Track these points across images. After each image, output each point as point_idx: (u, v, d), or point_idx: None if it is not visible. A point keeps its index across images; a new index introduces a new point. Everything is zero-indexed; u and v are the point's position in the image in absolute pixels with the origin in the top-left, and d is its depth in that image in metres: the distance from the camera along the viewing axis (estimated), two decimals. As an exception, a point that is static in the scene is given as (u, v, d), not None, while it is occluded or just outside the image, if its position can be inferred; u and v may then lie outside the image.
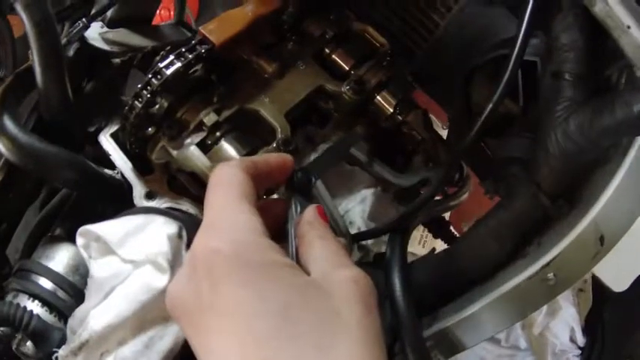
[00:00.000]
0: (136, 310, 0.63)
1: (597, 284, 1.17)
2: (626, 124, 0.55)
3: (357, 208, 0.83)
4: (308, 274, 0.43)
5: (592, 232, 0.64)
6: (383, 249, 0.86)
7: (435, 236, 0.90)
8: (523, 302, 0.68)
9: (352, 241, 0.77)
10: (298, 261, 0.45)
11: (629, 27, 0.55)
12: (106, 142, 0.77)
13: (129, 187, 0.77)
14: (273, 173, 0.51)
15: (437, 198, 0.84)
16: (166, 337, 0.66)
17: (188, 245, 0.69)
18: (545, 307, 1.18)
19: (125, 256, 0.66)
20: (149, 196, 0.76)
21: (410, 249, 0.76)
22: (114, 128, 0.77)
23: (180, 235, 0.68)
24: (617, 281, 1.17)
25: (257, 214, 0.44)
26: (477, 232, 0.70)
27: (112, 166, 0.79)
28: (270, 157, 0.52)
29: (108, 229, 0.67)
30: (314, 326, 0.38)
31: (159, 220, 0.68)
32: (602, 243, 0.64)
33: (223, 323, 0.38)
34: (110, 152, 0.77)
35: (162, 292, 0.64)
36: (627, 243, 0.64)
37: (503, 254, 0.70)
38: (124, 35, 0.79)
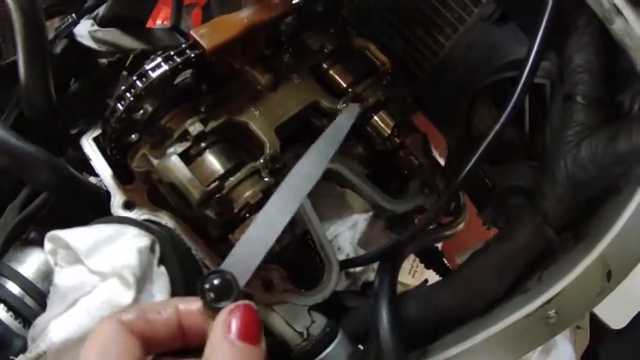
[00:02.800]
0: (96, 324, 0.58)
1: (594, 321, 1.11)
2: (643, 151, 0.51)
3: (346, 233, 0.77)
4: None
5: (599, 267, 0.59)
6: (371, 277, 0.80)
7: (428, 267, 0.84)
8: (520, 341, 0.62)
9: (340, 268, 0.71)
10: None
11: (650, 47, 0.50)
12: (88, 146, 0.72)
13: (108, 196, 0.71)
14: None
15: (431, 227, 0.79)
16: None
17: (161, 261, 0.64)
18: (540, 344, 1.11)
19: (92, 267, 0.61)
20: (127, 205, 0.72)
21: (400, 279, 0.70)
22: (97, 132, 0.72)
23: (152, 249, 0.63)
24: (615, 319, 1.11)
25: None
26: (476, 265, 0.64)
27: (96, 173, 0.74)
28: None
29: (77, 237, 0.61)
30: None
31: (131, 231, 0.63)
32: (609, 279, 0.58)
33: None
34: (91, 157, 0.72)
35: (126, 307, 0.58)
36: (626, 279, 0.58)
37: (502, 289, 0.64)
38: (114, 35, 0.74)
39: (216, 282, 0.44)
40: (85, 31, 0.73)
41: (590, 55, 0.59)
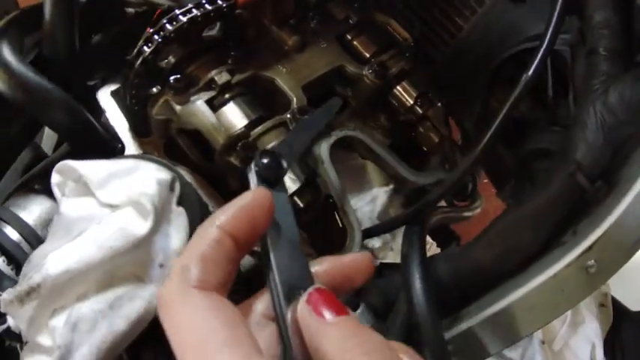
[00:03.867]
0: (104, 258, 0.51)
1: (615, 304, 1.07)
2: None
3: (365, 207, 0.74)
4: None
5: (635, 211, 0.57)
6: (388, 256, 0.76)
7: (442, 248, 0.80)
8: (560, 295, 0.59)
9: (362, 237, 0.67)
10: None
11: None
12: (105, 98, 0.69)
13: (122, 150, 0.68)
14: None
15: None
16: (138, 301, 0.53)
17: (179, 203, 0.59)
18: (568, 317, 1.05)
19: (104, 199, 0.55)
20: None
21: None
22: (115, 86, 0.70)
23: (172, 187, 0.58)
24: (635, 301, 1.07)
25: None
26: (509, 218, 0.62)
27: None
28: (233, 223, 0.36)
29: (91, 168, 0.56)
30: None
31: (151, 166, 0.59)
32: None
33: None
34: (106, 109, 0.69)
35: (141, 241, 0.52)
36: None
37: (536, 244, 0.61)
38: (145, -15, 0.73)
39: (264, 160, 0.41)
40: (115, -22, 0.73)
41: (609, 12, 0.61)
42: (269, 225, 0.37)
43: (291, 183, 0.64)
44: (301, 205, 0.64)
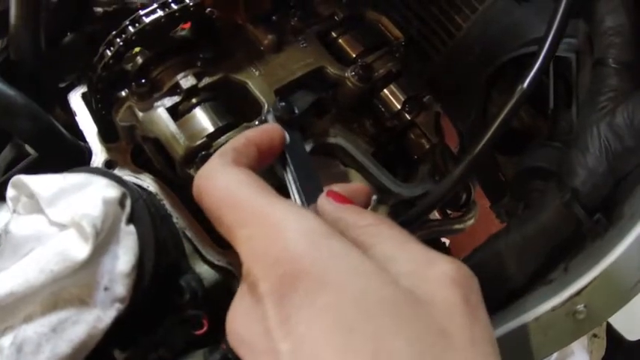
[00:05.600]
0: (46, 281, 0.48)
1: (610, 331, 0.98)
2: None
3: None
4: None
5: (635, 254, 0.48)
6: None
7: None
8: (542, 338, 0.51)
9: None
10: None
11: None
12: (75, 100, 0.63)
13: (91, 155, 0.62)
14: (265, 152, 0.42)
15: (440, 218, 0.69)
16: (80, 325, 0.50)
17: (131, 220, 0.53)
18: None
19: (53, 217, 0.51)
20: (108, 165, 0.64)
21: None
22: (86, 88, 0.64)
23: (122, 204, 0.53)
24: (631, 330, 0.97)
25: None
26: (492, 247, 0.54)
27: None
28: (256, 135, 0.42)
29: (41, 183, 0.52)
30: None
31: (101, 181, 0.53)
32: None
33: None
34: (76, 112, 0.63)
35: (82, 264, 0.48)
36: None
37: (521, 278, 0.53)
38: (115, -15, 0.67)
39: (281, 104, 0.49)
40: (83, -24, 0.66)
41: (622, 17, 0.51)
42: (286, 149, 0.43)
43: None
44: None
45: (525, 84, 0.51)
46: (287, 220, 0.32)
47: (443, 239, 0.85)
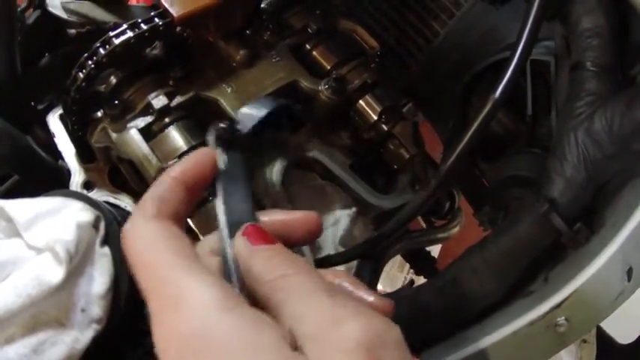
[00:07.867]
0: (24, 305, 0.46)
1: (601, 336, 0.92)
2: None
3: (328, 231, 0.63)
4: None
5: (618, 263, 0.45)
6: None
7: (418, 273, 0.69)
8: (522, 353, 0.47)
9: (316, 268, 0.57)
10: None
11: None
12: (53, 122, 0.61)
13: (69, 175, 0.60)
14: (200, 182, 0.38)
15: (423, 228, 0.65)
16: (60, 346, 0.48)
17: (106, 241, 0.51)
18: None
19: (30, 241, 0.50)
20: (87, 186, 0.62)
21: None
22: (64, 110, 0.62)
23: (96, 227, 0.50)
24: (623, 333, 0.92)
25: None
26: (467, 261, 0.50)
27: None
28: (185, 169, 0.37)
29: (19, 208, 0.50)
30: None
31: (75, 205, 0.51)
32: (629, 278, 0.44)
33: None
34: (54, 133, 0.61)
35: (57, 288, 0.47)
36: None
37: (499, 292, 0.49)
38: (87, 8, 0.64)
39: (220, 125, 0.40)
40: (57, 1, 0.64)
41: (600, 19, 0.47)
42: (219, 176, 0.38)
43: None
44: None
45: (497, 93, 0.47)
46: (189, 291, 0.29)
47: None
